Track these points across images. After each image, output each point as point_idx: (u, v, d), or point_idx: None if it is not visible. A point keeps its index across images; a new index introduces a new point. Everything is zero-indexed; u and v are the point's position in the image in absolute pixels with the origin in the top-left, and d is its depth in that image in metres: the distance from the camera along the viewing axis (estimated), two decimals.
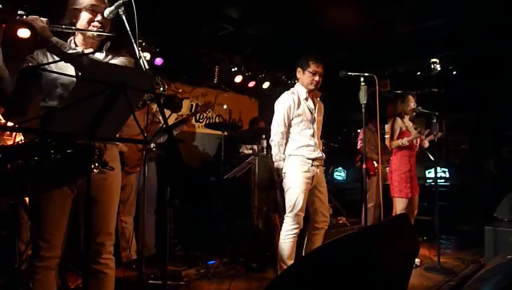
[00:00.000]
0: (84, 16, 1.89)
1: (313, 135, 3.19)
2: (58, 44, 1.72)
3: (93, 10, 1.89)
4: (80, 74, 1.81)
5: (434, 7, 4.16)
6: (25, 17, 1.68)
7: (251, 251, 4.03)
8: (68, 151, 1.62)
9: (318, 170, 3.18)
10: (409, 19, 4.46)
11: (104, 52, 1.97)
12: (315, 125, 3.22)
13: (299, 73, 3.24)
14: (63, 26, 1.83)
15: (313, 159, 3.13)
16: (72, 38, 1.94)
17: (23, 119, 1.80)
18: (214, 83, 5.59)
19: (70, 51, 1.73)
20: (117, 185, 2.01)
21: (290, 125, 3.18)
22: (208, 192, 4.89)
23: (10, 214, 2.50)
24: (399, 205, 3.93)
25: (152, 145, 3.65)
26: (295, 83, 3.37)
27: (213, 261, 3.70)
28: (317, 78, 3.18)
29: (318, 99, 3.33)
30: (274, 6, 4.15)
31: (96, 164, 1.69)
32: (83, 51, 1.83)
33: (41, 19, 1.70)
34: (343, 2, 4.06)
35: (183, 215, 4.72)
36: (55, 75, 1.79)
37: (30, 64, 1.85)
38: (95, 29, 1.89)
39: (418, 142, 4.12)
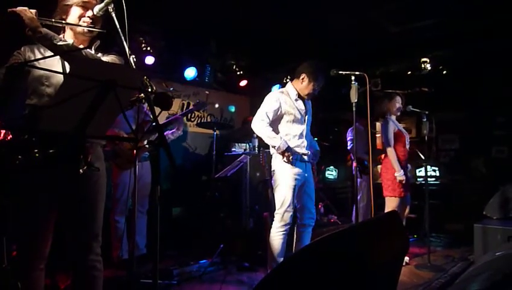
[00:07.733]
0: (75, 11, 1.87)
1: (301, 135, 3.17)
2: (48, 35, 1.67)
3: (84, 6, 1.86)
4: (68, 70, 1.77)
5: (424, 7, 4.19)
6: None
7: (243, 250, 4.03)
8: (53, 150, 1.58)
9: (306, 167, 3.18)
10: (399, 19, 4.49)
11: (94, 50, 1.94)
12: (304, 126, 3.21)
13: (304, 79, 3.15)
14: (52, 20, 1.79)
15: (301, 155, 3.12)
16: (62, 35, 1.90)
17: (9, 118, 1.76)
18: (206, 82, 5.57)
19: (61, 43, 1.68)
20: (103, 185, 1.94)
21: (276, 121, 3.13)
22: (200, 191, 4.87)
23: None
24: (391, 204, 3.93)
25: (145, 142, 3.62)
26: (287, 82, 3.34)
27: (205, 261, 3.69)
28: (315, 93, 3.21)
29: (309, 101, 3.32)
30: (266, 6, 4.14)
31: (82, 164, 1.65)
32: (73, 43, 1.79)
33: (30, 10, 1.65)
34: (334, 2, 4.07)
35: (174, 215, 4.70)
36: (41, 72, 1.74)
37: (17, 60, 1.79)
38: (85, 24, 1.86)
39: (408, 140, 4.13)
